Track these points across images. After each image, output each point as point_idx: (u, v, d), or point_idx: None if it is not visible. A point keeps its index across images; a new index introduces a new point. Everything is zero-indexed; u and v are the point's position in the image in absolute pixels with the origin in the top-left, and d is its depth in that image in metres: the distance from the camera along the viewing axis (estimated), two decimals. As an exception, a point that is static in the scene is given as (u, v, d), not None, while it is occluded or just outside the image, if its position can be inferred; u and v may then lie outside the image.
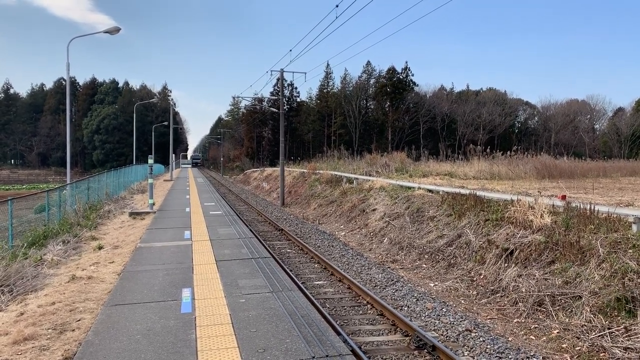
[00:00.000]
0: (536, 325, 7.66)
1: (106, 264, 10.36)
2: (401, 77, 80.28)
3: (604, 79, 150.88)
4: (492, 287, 9.31)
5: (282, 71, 29.20)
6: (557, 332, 7.20)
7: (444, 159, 33.49)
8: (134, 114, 55.72)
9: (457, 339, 7.25)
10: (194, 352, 5.27)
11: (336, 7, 15.55)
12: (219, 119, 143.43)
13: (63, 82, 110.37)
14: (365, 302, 9.07)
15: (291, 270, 11.28)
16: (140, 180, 39.98)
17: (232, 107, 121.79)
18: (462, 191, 14.22)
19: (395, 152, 36.03)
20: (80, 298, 7.82)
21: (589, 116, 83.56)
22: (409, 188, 17.95)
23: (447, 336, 7.39)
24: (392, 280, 10.63)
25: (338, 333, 6.85)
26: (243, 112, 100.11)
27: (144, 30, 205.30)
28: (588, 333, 6.89)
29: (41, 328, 6.44)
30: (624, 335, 6.58)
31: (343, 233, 17.47)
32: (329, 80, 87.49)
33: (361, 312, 8.58)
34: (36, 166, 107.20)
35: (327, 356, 5.22)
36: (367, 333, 7.55)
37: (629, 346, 6.35)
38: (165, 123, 70.50)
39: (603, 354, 6.39)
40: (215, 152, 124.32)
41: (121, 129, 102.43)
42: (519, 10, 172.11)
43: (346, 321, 8.05)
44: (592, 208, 9.60)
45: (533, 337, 7.32)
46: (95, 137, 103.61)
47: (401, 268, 12.01)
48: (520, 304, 8.33)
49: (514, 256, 9.63)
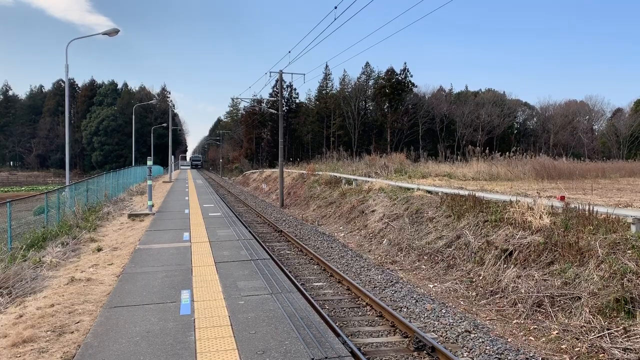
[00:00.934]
0: (535, 326, 7.67)
1: (105, 266, 10.35)
2: (400, 78, 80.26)
3: (603, 80, 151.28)
4: (492, 288, 9.32)
5: (281, 72, 29.24)
6: (557, 333, 7.20)
7: (443, 160, 33.53)
8: (133, 116, 55.63)
9: (457, 340, 7.25)
10: (193, 354, 5.26)
11: (335, 9, 15.59)
12: (218, 120, 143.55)
13: (62, 84, 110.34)
14: (364, 304, 9.07)
15: (290, 271, 11.28)
16: (139, 181, 39.95)
17: (231, 109, 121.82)
18: (461, 192, 14.23)
19: (394, 153, 36.03)
20: (79, 300, 7.81)
21: (588, 117, 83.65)
22: (408, 189, 17.96)
23: (447, 337, 7.39)
24: (392, 281, 10.63)
25: (337, 335, 6.85)
26: (242, 114, 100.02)
27: (143, 31, 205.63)
28: (587, 334, 6.89)
29: (40, 330, 6.43)
30: (623, 336, 6.58)
31: (342, 234, 17.47)
32: (328, 81, 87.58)
33: (360, 314, 8.58)
34: (35, 168, 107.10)
35: (327, 358, 5.22)
36: (367, 334, 7.55)
37: (628, 347, 6.35)
38: (164, 124, 70.47)
39: (602, 355, 6.39)
40: (214, 154, 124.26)
41: (120, 131, 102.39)
42: (517, 11, 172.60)
43: (345, 323, 8.05)
44: (591, 209, 9.60)
45: (532, 338, 7.33)
46: (94, 139, 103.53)
47: (400, 269, 12.02)
48: (519, 305, 8.34)
49: (513, 257, 9.63)
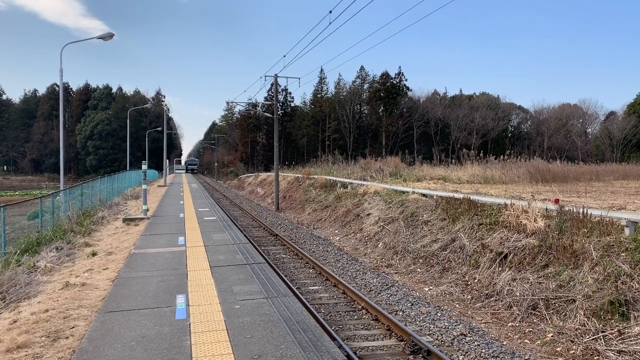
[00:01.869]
0: (530, 329, 7.69)
1: (100, 271, 10.30)
2: (395, 82, 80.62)
3: (596, 83, 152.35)
4: (487, 291, 9.34)
5: (276, 76, 29.30)
6: (552, 336, 7.23)
7: (438, 164, 33.58)
8: (128, 120, 55.51)
9: (452, 343, 7.27)
10: (189, 359, 5.25)
11: (329, 13, 15.64)
12: (213, 124, 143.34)
13: (56, 88, 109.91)
14: (360, 307, 9.07)
15: (286, 275, 11.27)
16: (134, 186, 39.80)
17: (226, 112, 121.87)
18: (456, 195, 14.28)
19: (389, 157, 36.13)
20: (74, 305, 7.76)
21: (582, 120, 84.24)
22: (403, 192, 18.00)
23: (442, 340, 7.40)
24: (387, 284, 10.64)
25: (333, 338, 6.85)
26: (237, 117, 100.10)
27: (138, 35, 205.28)
28: (582, 336, 6.92)
29: (34, 336, 6.38)
30: (618, 338, 6.62)
31: (338, 238, 17.48)
32: (323, 85, 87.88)
33: (356, 317, 8.59)
34: (29, 172, 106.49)
35: (323, 362, 5.22)
36: (362, 338, 7.55)
37: (623, 349, 6.39)
38: (159, 128, 70.26)
39: (597, 357, 6.43)
40: (209, 157, 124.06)
41: (115, 135, 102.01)
42: (512, 15, 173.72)
43: (341, 326, 8.05)
44: (585, 212, 9.65)
45: (527, 341, 7.35)
46: (88, 143, 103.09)
47: (396, 272, 12.03)
48: (514, 308, 8.36)
49: (508, 260, 9.67)
